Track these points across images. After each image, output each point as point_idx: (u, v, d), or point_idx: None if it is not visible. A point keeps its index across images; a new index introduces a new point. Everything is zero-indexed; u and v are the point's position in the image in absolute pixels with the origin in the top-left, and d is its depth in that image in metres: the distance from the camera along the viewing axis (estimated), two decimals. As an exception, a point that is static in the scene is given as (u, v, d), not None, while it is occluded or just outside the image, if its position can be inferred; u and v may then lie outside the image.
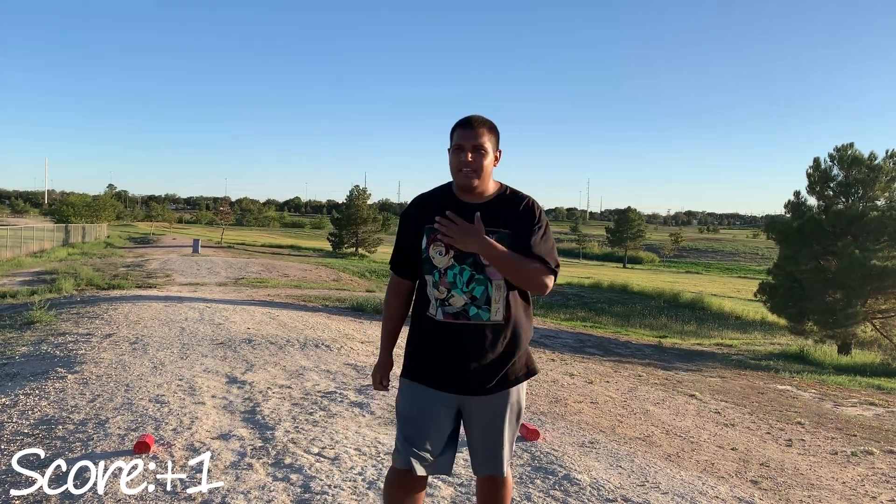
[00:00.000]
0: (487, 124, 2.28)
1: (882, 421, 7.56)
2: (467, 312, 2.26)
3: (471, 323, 2.27)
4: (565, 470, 3.96)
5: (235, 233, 70.63)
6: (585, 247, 76.99)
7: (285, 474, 3.59)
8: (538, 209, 2.32)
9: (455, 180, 2.30)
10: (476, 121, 2.28)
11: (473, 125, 2.26)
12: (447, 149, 2.32)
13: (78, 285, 14.50)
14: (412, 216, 2.35)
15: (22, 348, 7.02)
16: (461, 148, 2.24)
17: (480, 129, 2.26)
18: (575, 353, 11.13)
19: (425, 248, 2.29)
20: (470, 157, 2.23)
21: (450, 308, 2.27)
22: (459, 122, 2.29)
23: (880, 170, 16.45)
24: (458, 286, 2.26)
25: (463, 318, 2.27)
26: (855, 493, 4.59)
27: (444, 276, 2.26)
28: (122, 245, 40.05)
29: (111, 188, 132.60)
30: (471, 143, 2.24)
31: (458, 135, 2.26)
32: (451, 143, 2.30)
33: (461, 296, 2.26)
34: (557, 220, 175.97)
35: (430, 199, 2.35)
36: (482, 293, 2.26)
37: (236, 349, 7.25)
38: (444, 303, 2.27)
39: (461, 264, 2.24)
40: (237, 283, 18.18)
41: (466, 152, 2.23)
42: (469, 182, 2.25)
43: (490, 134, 2.27)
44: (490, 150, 2.26)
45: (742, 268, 64.07)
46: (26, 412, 4.59)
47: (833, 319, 15.49)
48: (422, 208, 2.33)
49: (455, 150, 2.26)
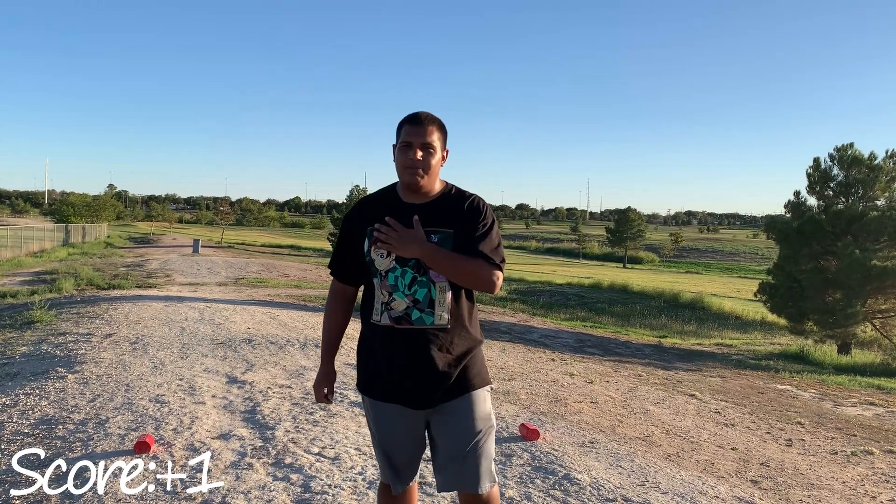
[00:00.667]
0: (437, 122, 2.20)
1: (882, 421, 7.55)
2: (410, 316, 2.15)
3: (414, 328, 2.15)
4: (565, 470, 3.96)
5: (235, 233, 70.65)
6: (585, 247, 76.95)
7: (285, 474, 3.59)
8: (484, 206, 2.22)
9: (401, 178, 2.20)
10: (425, 118, 2.19)
11: (423, 122, 2.17)
12: (392, 145, 2.23)
13: (78, 285, 14.50)
14: (354, 218, 2.26)
15: (22, 348, 7.02)
16: (409, 145, 2.15)
17: (430, 126, 2.17)
18: (575, 353, 11.13)
19: (367, 251, 2.19)
20: (419, 156, 2.14)
21: (392, 312, 2.16)
22: (407, 118, 2.20)
23: (880, 170, 16.44)
24: (400, 289, 2.15)
25: (405, 323, 2.15)
26: (855, 492, 4.59)
27: (385, 279, 2.16)
28: (123, 245, 40.05)
29: (111, 188, 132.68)
30: (419, 141, 2.14)
31: (406, 131, 2.16)
32: (397, 139, 2.20)
33: (403, 299, 2.15)
34: (557, 220, 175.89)
35: (373, 200, 2.27)
36: (424, 296, 2.15)
37: (236, 349, 7.25)
38: (387, 306, 2.16)
39: (403, 266, 2.15)
40: (237, 282, 18.17)
41: (415, 150, 2.14)
42: (416, 181, 2.15)
43: (439, 132, 2.19)
44: (438, 148, 2.18)
45: (742, 268, 64.06)
46: (26, 412, 4.59)
47: (833, 319, 15.48)
48: (364, 210, 2.24)
49: (402, 148, 2.16)
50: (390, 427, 2.24)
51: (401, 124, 2.20)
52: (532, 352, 10.38)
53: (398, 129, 2.20)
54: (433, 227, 2.15)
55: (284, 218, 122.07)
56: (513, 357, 9.27)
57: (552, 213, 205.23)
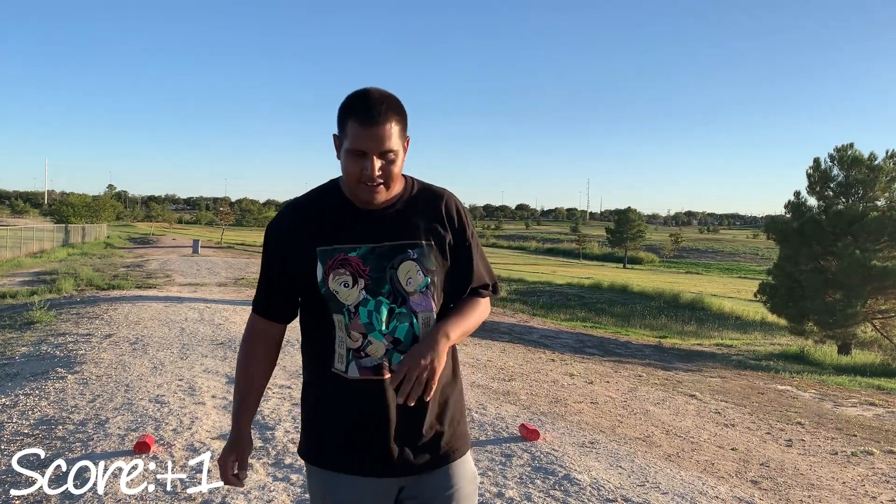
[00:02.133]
0: (394, 110, 1.56)
1: (882, 421, 7.55)
2: (390, 363, 1.60)
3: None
4: (565, 470, 3.95)
5: (235, 233, 70.63)
6: (585, 247, 76.88)
7: (285, 474, 3.59)
8: (462, 208, 1.74)
9: (354, 192, 1.61)
10: (380, 110, 1.54)
11: (378, 119, 1.53)
12: (334, 135, 1.62)
13: (78, 285, 14.50)
14: (289, 234, 1.64)
15: (22, 348, 7.02)
16: (363, 155, 1.55)
17: (387, 123, 1.54)
18: (575, 354, 11.13)
19: (322, 280, 1.60)
20: (377, 169, 1.55)
21: (367, 361, 1.60)
22: (353, 109, 1.55)
23: (880, 170, 16.44)
24: (376, 327, 1.59)
25: (386, 372, 1.60)
26: (855, 493, 4.59)
27: (355, 317, 1.59)
28: (122, 245, 40.04)
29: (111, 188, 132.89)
30: (378, 149, 1.54)
31: (359, 135, 1.53)
32: (341, 134, 1.58)
33: (381, 341, 1.60)
34: (557, 221, 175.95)
35: (313, 206, 1.66)
36: (406, 332, 1.61)
37: (236, 349, 7.24)
38: (358, 353, 1.60)
39: (375, 297, 1.59)
40: (237, 283, 18.16)
41: (371, 161, 1.54)
42: (375, 198, 1.59)
43: (399, 124, 1.57)
44: (401, 149, 1.59)
45: (742, 268, 64.04)
46: (26, 412, 4.59)
47: (833, 320, 15.48)
48: (305, 221, 1.63)
49: (352, 155, 1.55)
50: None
51: (344, 117, 1.57)
52: (532, 352, 10.38)
53: (341, 120, 1.58)
54: (405, 241, 1.63)
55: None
56: (513, 357, 9.27)
57: (552, 213, 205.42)
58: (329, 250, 1.60)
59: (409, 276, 1.62)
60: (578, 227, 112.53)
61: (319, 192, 1.70)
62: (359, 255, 1.61)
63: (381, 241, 1.63)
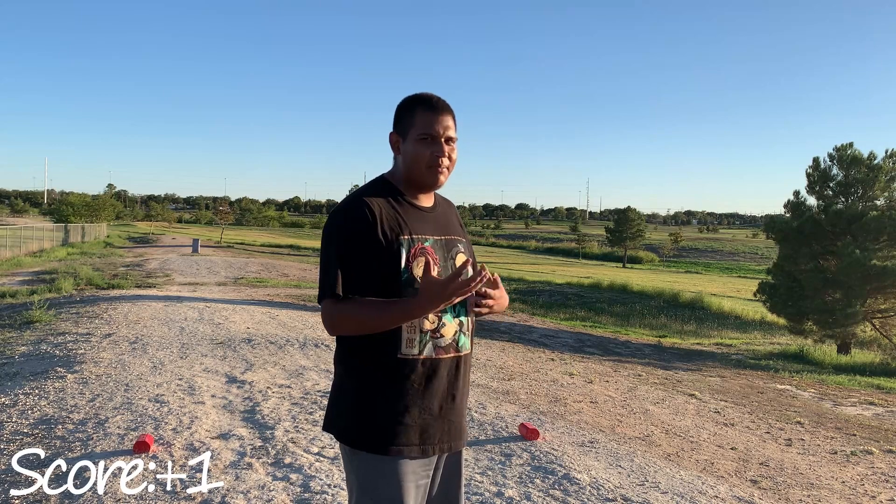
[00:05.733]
0: (449, 106, 1.84)
1: (881, 420, 7.56)
2: (457, 343, 1.79)
3: (461, 355, 1.80)
4: (565, 469, 3.96)
5: (235, 232, 70.59)
6: (585, 246, 76.85)
7: (285, 474, 3.59)
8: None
9: (419, 177, 1.79)
10: (442, 100, 1.82)
11: (444, 107, 1.80)
12: (392, 133, 1.83)
13: (77, 285, 14.49)
14: (373, 224, 1.70)
15: (21, 348, 7.02)
16: (433, 139, 1.75)
17: (450, 113, 1.81)
18: (574, 353, 11.13)
19: (406, 267, 1.70)
20: (446, 151, 1.78)
21: (441, 341, 1.75)
22: (422, 100, 1.80)
23: (880, 169, 16.43)
24: (448, 310, 1.75)
25: (453, 351, 1.78)
26: (854, 492, 4.59)
27: None
28: (122, 245, 40.01)
29: (111, 188, 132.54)
30: (445, 133, 1.77)
31: (427, 120, 1.76)
32: (407, 124, 1.78)
33: (452, 322, 1.77)
34: (557, 220, 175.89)
35: (381, 200, 1.77)
36: (466, 315, 1.82)
37: (236, 349, 7.25)
38: (434, 334, 1.74)
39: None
40: (237, 282, 18.16)
41: (440, 144, 1.77)
42: (439, 181, 1.79)
43: (454, 121, 1.83)
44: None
45: (742, 267, 64.04)
46: (26, 412, 4.59)
47: (832, 319, 15.48)
48: (383, 212, 1.73)
49: (423, 141, 1.75)
50: (421, 489, 1.76)
51: (412, 107, 1.79)
52: (532, 351, 10.38)
53: (407, 113, 1.80)
54: (455, 236, 1.88)
55: (284, 218, 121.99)
56: (512, 357, 9.27)
57: (552, 212, 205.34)
58: (410, 239, 1.73)
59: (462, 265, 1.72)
60: (578, 226, 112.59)
61: (378, 188, 1.81)
62: (430, 245, 1.78)
63: (441, 234, 1.83)
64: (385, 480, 1.70)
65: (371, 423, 1.71)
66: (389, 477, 1.70)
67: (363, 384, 1.73)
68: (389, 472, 1.70)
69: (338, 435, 1.76)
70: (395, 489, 1.70)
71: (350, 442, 1.73)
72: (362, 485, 1.72)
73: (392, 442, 1.70)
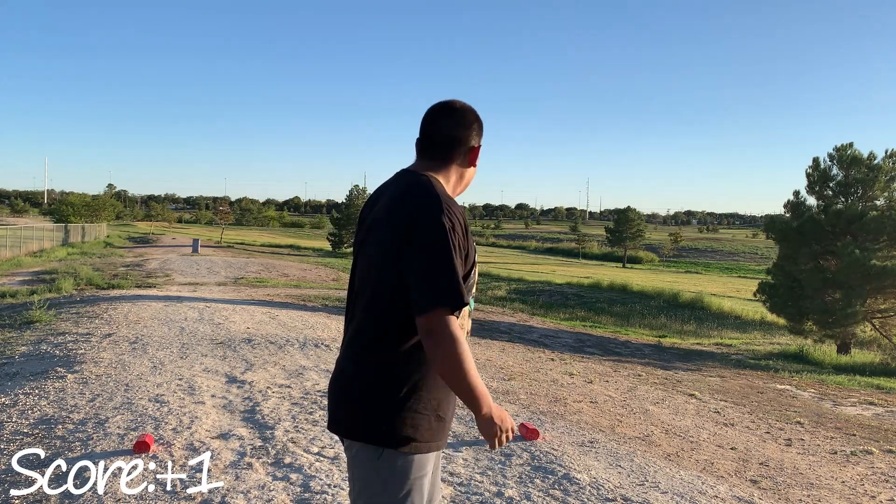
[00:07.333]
0: None
1: (881, 420, 7.56)
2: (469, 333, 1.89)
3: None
4: (565, 469, 3.96)
5: (235, 232, 70.60)
6: (585, 247, 76.80)
7: (285, 474, 3.59)
8: None
9: (461, 193, 1.84)
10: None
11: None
12: (476, 147, 1.79)
13: (77, 285, 14.49)
14: (464, 222, 1.67)
15: (21, 348, 7.02)
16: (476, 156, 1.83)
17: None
18: (574, 353, 11.13)
19: (469, 271, 1.71)
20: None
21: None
22: (480, 119, 1.82)
23: (879, 169, 16.43)
24: (471, 311, 1.83)
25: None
26: (854, 492, 4.59)
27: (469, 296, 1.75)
28: (122, 245, 40.01)
29: (111, 188, 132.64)
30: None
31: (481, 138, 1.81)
32: (477, 140, 1.78)
33: (471, 323, 1.87)
34: (557, 220, 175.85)
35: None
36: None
37: (236, 349, 7.25)
38: (469, 335, 1.83)
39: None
40: (237, 282, 18.16)
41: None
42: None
43: None
44: None
45: (741, 267, 64.02)
46: (26, 412, 4.59)
47: (832, 319, 15.48)
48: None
49: (476, 158, 1.80)
50: (437, 479, 1.81)
51: (480, 124, 1.79)
52: (532, 351, 10.38)
53: (479, 129, 1.78)
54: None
55: (284, 218, 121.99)
56: (512, 357, 9.27)
57: (552, 212, 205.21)
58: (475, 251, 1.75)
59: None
60: (578, 226, 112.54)
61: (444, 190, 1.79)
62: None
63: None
64: (424, 478, 1.65)
65: (423, 418, 1.63)
66: (427, 472, 1.65)
67: (413, 391, 1.63)
68: (427, 467, 1.65)
69: (376, 438, 1.61)
70: (427, 484, 1.67)
71: (395, 443, 1.60)
72: (397, 484, 1.61)
73: (432, 436, 1.66)
